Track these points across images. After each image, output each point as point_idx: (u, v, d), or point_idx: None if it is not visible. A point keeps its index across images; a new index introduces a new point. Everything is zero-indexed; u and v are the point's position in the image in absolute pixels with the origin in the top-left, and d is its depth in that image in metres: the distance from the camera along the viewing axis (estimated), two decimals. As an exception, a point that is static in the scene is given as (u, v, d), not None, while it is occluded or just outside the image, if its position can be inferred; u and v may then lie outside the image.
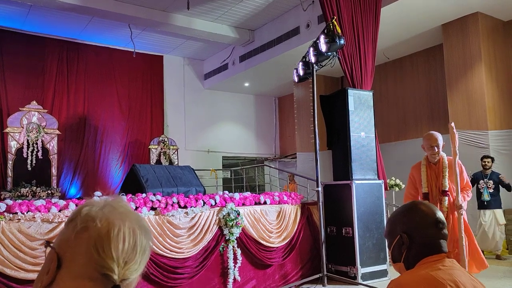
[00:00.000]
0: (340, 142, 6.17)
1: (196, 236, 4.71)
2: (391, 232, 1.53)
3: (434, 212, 1.48)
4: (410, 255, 1.45)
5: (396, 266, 1.53)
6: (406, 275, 1.40)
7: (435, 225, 1.46)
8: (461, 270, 1.41)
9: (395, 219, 1.55)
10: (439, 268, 1.36)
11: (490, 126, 7.85)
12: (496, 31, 8.30)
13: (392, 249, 1.52)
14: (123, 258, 0.82)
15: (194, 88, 12.83)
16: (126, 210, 0.90)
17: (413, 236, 1.45)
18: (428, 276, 1.32)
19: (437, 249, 1.44)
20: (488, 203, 7.16)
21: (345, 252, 5.80)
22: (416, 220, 1.47)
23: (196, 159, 11.98)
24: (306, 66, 6.17)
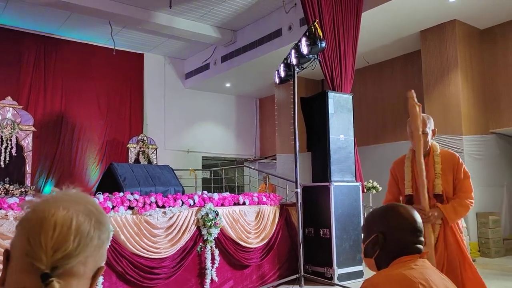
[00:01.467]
0: (319, 144, 6.23)
1: (173, 236, 4.67)
2: (368, 228, 1.57)
3: (414, 218, 1.51)
4: (382, 255, 1.49)
5: (367, 261, 1.58)
6: (380, 275, 1.42)
7: (412, 233, 1.49)
8: (433, 269, 1.44)
9: (374, 217, 1.58)
10: (412, 267, 1.39)
11: (465, 131, 8.05)
12: (473, 38, 8.52)
13: (366, 244, 1.56)
14: (52, 245, 0.78)
15: (175, 88, 12.74)
16: (72, 198, 0.87)
17: (388, 238, 1.48)
18: (401, 275, 1.35)
19: (411, 251, 1.47)
20: None
21: (322, 253, 5.85)
22: (393, 224, 1.50)
23: (176, 159, 11.88)
24: (288, 68, 6.21)
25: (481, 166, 8.18)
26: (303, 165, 8.30)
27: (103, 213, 0.90)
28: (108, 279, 4.14)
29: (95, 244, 0.84)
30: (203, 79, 12.23)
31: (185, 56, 12.64)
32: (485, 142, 8.39)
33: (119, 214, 4.32)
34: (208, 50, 11.73)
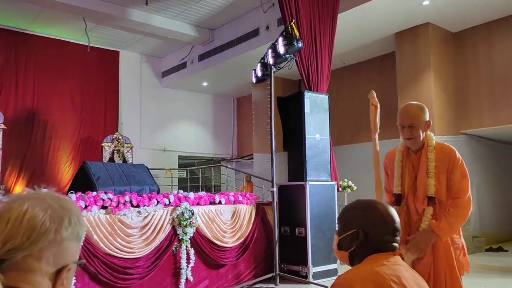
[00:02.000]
0: (295, 144, 6.27)
1: (148, 235, 4.62)
2: (347, 222, 1.56)
3: (394, 218, 1.52)
4: (358, 251, 1.50)
5: (339, 253, 1.58)
6: (352, 271, 1.44)
7: (392, 233, 1.51)
8: (405, 265, 1.47)
9: (354, 211, 1.57)
10: (384, 264, 1.41)
11: (437, 132, 8.24)
12: (445, 41, 8.74)
13: (342, 237, 1.55)
14: (3, 238, 0.80)
15: (151, 86, 12.59)
16: (37, 195, 0.87)
17: (369, 235, 1.49)
18: (373, 271, 1.37)
19: (388, 250, 1.49)
20: None
21: (297, 252, 5.89)
22: (375, 222, 1.51)
23: (152, 158, 11.75)
24: (264, 67, 6.23)
25: (452, 166, 8.39)
26: (279, 164, 8.34)
27: (70, 210, 0.89)
28: (80, 279, 4.06)
29: (51, 238, 0.83)
30: (180, 77, 12.13)
31: (162, 54, 12.51)
32: (456, 143, 8.61)
33: (92, 213, 4.25)
34: (185, 48, 11.64)
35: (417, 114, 2.60)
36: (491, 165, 9.26)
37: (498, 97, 8.19)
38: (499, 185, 9.27)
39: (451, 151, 2.62)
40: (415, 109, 2.61)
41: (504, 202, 9.42)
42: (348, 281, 1.34)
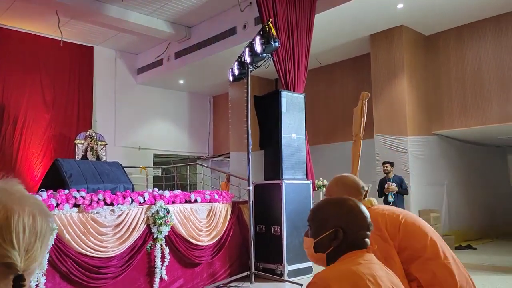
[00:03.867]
0: (271, 143, 6.30)
1: (122, 234, 4.55)
2: (322, 223, 1.54)
3: (366, 214, 1.55)
4: (337, 250, 1.50)
5: (316, 256, 1.57)
6: (329, 270, 1.44)
7: (367, 228, 1.53)
8: (379, 264, 1.49)
9: (328, 210, 1.56)
10: (360, 263, 1.42)
11: (409, 132, 8.44)
12: (418, 44, 8.95)
13: (320, 239, 1.54)
14: (25, 246, 0.78)
15: (126, 83, 12.39)
16: (23, 194, 0.86)
17: (347, 233, 1.49)
18: (350, 270, 1.38)
19: (362, 247, 1.51)
20: (393, 204, 7.69)
21: (273, 250, 5.93)
22: (352, 219, 1.51)
23: (126, 156, 11.57)
24: (241, 66, 6.22)
25: (424, 165, 8.62)
26: (256, 163, 8.35)
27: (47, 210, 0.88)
28: (51, 279, 3.97)
29: (47, 240, 0.84)
30: (156, 75, 11.99)
31: (137, 51, 12.33)
32: (428, 143, 8.85)
33: (63, 212, 4.15)
34: (161, 45, 11.51)
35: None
36: (460, 165, 9.54)
37: (468, 99, 8.45)
38: (468, 185, 9.56)
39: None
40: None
41: (473, 201, 9.72)
42: (326, 281, 1.34)
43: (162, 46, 11.47)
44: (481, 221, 9.84)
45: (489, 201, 10.01)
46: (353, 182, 2.28)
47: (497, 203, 10.23)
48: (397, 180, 7.78)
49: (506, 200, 10.57)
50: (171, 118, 13.44)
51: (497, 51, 8.09)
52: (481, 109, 8.18)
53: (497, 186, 10.60)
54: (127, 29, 10.17)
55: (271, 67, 6.63)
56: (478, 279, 5.88)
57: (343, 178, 2.35)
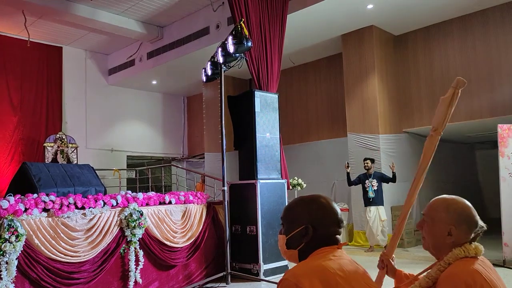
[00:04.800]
0: (246, 143, 6.30)
1: (94, 238, 4.45)
2: (293, 220, 1.57)
3: (337, 210, 1.57)
4: (307, 246, 1.53)
5: (288, 252, 1.59)
6: (299, 266, 1.46)
7: (337, 224, 1.55)
8: (348, 259, 1.52)
9: (299, 208, 1.58)
10: (330, 259, 1.45)
11: (381, 131, 8.61)
12: (388, 44, 9.14)
13: (291, 236, 1.56)
14: None
15: (97, 84, 12.15)
16: None
17: (317, 229, 1.52)
18: (320, 266, 1.40)
19: (333, 243, 1.54)
20: (373, 200, 7.89)
21: (249, 250, 5.93)
22: (321, 216, 1.54)
23: (98, 158, 11.35)
24: (215, 66, 6.21)
25: (395, 162, 8.79)
26: (231, 163, 8.36)
27: None
28: (20, 286, 3.85)
29: None
30: (128, 75, 11.81)
31: (108, 51, 12.11)
32: (399, 141, 9.05)
33: (32, 217, 4.03)
34: (133, 45, 11.35)
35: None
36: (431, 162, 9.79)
37: (437, 97, 8.64)
38: (438, 180, 9.82)
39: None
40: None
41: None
42: (296, 277, 1.36)
43: (134, 46, 11.31)
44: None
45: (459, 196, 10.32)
46: (471, 215, 1.67)
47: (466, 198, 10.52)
48: (378, 175, 7.96)
49: (475, 195, 10.92)
50: (145, 119, 13.26)
51: (463, 50, 8.34)
52: (449, 107, 8.42)
53: (466, 181, 10.95)
54: (97, 29, 9.97)
55: (245, 67, 6.64)
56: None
57: (458, 204, 1.71)
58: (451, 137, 10.35)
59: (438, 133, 2.10)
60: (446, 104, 2.04)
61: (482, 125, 8.41)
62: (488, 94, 7.97)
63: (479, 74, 8.08)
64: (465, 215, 1.67)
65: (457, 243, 1.63)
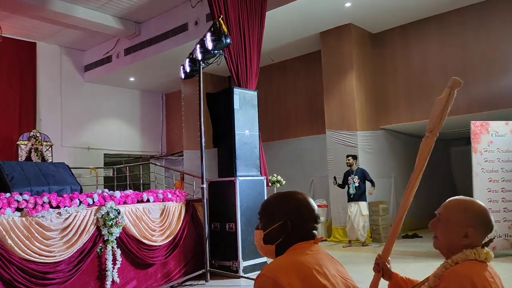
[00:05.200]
0: (225, 140, 6.28)
1: (70, 238, 4.37)
2: (270, 215, 1.58)
3: (314, 206, 1.59)
4: (284, 242, 1.54)
5: (266, 248, 1.59)
6: (276, 262, 1.47)
7: (314, 220, 1.57)
8: (325, 253, 1.54)
9: (277, 203, 1.60)
10: (307, 254, 1.47)
11: (359, 128, 8.72)
12: (365, 42, 9.25)
13: (269, 231, 1.57)
14: None
15: (73, 80, 11.90)
16: None
17: (294, 225, 1.53)
18: (297, 261, 1.42)
19: (310, 238, 1.55)
20: (354, 196, 8.01)
21: (228, 247, 5.92)
22: (299, 211, 1.55)
23: (74, 156, 11.14)
24: (193, 63, 6.16)
25: (372, 159, 8.94)
26: (210, 161, 8.31)
27: None
28: (-8, 289, 3.75)
29: None
30: (104, 72, 11.61)
31: (84, 47, 11.87)
32: (376, 137, 9.18)
33: (5, 216, 3.93)
34: (110, 42, 11.15)
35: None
36: (406, 158, 9.96)
37: (414, 94, 8.84)
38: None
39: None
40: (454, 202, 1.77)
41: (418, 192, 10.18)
42: (273, 272, 1.36)
43: (111, 43, 11.12)
44: (426, 210, 10.30)
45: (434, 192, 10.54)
46: (489, 218, 1.65)
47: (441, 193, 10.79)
48: (360, 172, 8.09)
49: (449, 190, 11.18)
50: (122, 117, 13.07)
51: (441, 48, 8.51)
52: (425, 104, 8.58)
53: (441, 177, 11.19)
54: (73, 25, 9.76)
55: (224, 64, 6.61)
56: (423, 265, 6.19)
57: (476, 206, 1.67)
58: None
59: (434, 134, 2.08)
60: (442, 105, 2.06)
61: (456, 122, 8.60)
62: (462, 91, 8.11)
63: (454, 72, 8.26)
64: (483, 218, 1.65)
65: (470, 245, 1.62)
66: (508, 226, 6.47)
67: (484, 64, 7.92)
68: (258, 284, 1.38)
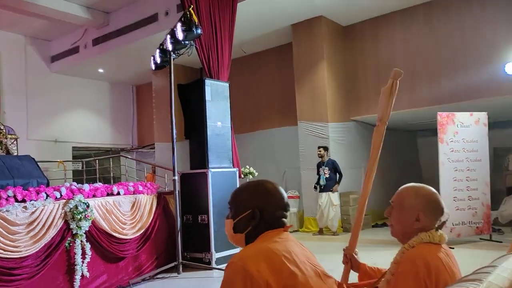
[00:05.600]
0: (197, 132, 6.24)
1: (37, 232, 4.25)
2: (240, 204, 1.59)
3: (283, 194, 1.61)
4: (254, 230, 1.55)
5: (235, 236, 1.60)
6: (246, 250, 1.48)
7: (283, 208, 1.58)
8: (294, 241, 1.56)
9: (247, 192, 1.61)
10: (276, 241, 1.48)
11: (330, 119, 8.82)
12: (336, 34, 9.33)
13: (238, 220, 1.58)
14: None
15: (39, 72, 11.52)
16: None
17: (264, 213, 1.54)
18: (266, 248, 1.43)
19: (279, 226, 1.57)
20: (325, 187, 8.13)
21: (200, 239, 5.91)
22: (268, 200, 1.57)
23: (41, 150, 10.81)
24: (164, 53, 6.07)
25: (344, 150, 9.08)
26: (182, 154, 8.26)
27: None
28: (-46, 286, 3.62)
29: None
30: (72, 63, 11.29)
31: (51, 38, 11.49)
32: (347, 129, 9.32)
33: (-33, 211, 3.79)
34: (77, 32, 10.83)
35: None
36: (377, 149, 10.18)
37: (382, 87, 8.95)
38: (383, 167, 10.18)
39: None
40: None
41: (387, 182, 10.41)
42: (243, 260, 1.37)
43: (79, 33, 10.81)
44: (395, 200, 10.62)
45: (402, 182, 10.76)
46: (438, 201, 1.71)
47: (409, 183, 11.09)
48: (330, 163, 8.21)
49: (417, 180, 11.48)
50: (91, 109, 12.77)
51: (407, 41, 8.68)
52: (393, 96, 8.76)
53: (409, 167, 11.49)
54: (38, 13, 9.41)
55: (196, 56, 6.54)
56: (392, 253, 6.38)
57: (425, 191, 1.74)
58: (395, 125, 10.80)
59: (384, 123, 2.21)
60: (387, 95, 2.20)
61: (423, 114, 8.84)
62: (429, 83, 8.37)
63: (421, 64, 8.47)
64: (432, 202, 1.71)
65: (423, 229, 1.68)
66: (473, 214, 6.72)
67: (448, 56, 8.14)
68: (227, 273, 1.38)
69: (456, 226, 6.61)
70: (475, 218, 6.74)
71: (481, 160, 6.83)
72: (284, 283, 1.34)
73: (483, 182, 6.80)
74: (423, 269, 1.52)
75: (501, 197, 8.26)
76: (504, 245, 6.25)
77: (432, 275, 1.51)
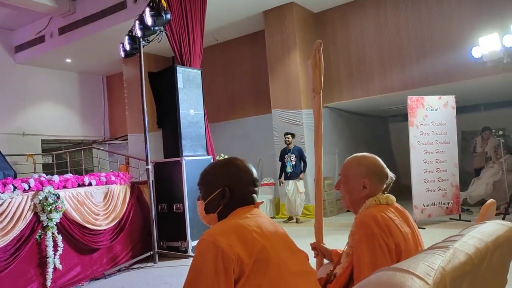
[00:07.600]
0: (170, 120, 6.15)
1: (5, 225, 4.11)
2: (209, 184, 1.58)
3: (252, 171, 1.61)
4: (225, 208, 1.55)
5: (208, 217, 1.60)
6: (217, 226, 1.48)
7: (253, 184, 1.58)
8: (265, 217, 1.56)
9: (215, 172, 1.60)
10: (247, 217, 1.48)
11: (304, 106, 8.86)
12: (308, 21, 9.35)
13: (209, 200, 1.57)
14: None
15: (2, 62, 11.10)
16: None
17: (234, 191, 1.54)
18: (237, 224, 1.42)
19: (249, 202, 1.57)
20: (291, 174, 8.16)
21: (176, 228, 5.87)
22: (237, 177, 1.56)
23: (8, 143, 10.47)
24: (133, 41, 5.94)
25: (318, 136, 9.15)
26: (156, 143, 8.14)
27: None
28: None
29: None
30: (37, 53, 10.91)
31: (14, 26, 11.06)
32: (320, 116, 9.38)
33: None
34: (42, 20, 10.47)
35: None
36: (349, 134, 10.33)
37: (353, 73, 9.10)
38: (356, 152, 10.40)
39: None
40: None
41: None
42: (213, 235, 1.36)
43: (43, 21, 10.44)
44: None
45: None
46: (380, 166, 1.81)
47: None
48: (297, 151, 8.21)
49: (389, 165, 11.73)
50: (60, 101, 12.42)
51: (377, 29, 8.78)
52: (365, 82, 8.88)
53: (381, 152, 11.63)
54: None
55: (166, 44, 6.42)
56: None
57: (367, 158, 1.84)
58: (367, 111, 10.97)
59: (318, 93, 2.45)
60: (314, 66, 2.39)
61: (394, 98, 8.99)
62: (399, 68, 8.51)
63: (391, 50, 8.59)
64: (375, 168, 1.81)
65: (370, 195, 1.76)
66: (442, 195, 6.91)
67: (417, 41, 8.28)
68: (198, 249, 1.37)
69: (427, 207, 6.80)
70: (445, 199, 6.94)
71: (450, 143, 7.02)
72: (255, 256, 1.34)
73: (452, 164, 7.00)
74: (375, 227, 1.59)
75: (470, 179, 8.53)
76: (472, 224, 6.46)
77: (386, 231, 1.58)
